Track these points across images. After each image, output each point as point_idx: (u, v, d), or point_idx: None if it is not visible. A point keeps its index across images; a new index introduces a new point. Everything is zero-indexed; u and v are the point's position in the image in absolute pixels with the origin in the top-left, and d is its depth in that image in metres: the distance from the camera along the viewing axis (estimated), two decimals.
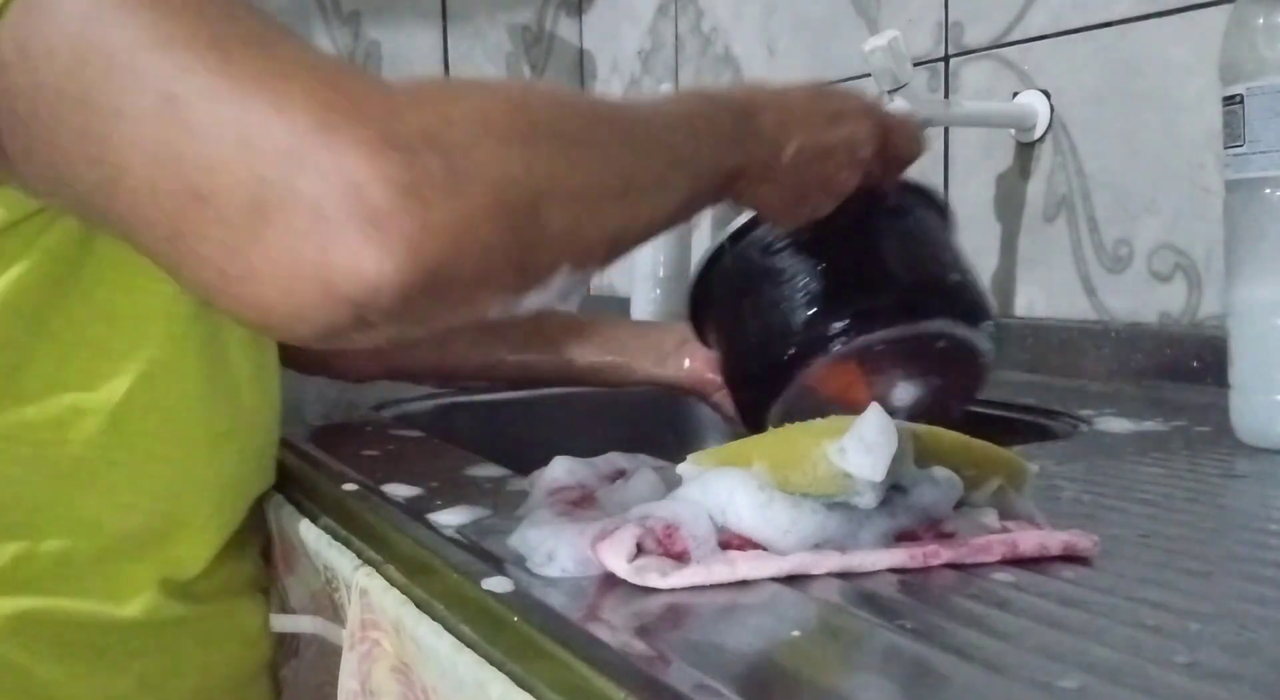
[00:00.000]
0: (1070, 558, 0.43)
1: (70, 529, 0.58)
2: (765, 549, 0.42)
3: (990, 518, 0.45)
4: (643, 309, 1.36)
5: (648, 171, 0.45)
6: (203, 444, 0.62)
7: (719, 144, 0.51)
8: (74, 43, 0.39)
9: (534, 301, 0.41)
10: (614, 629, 0.37)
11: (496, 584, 0.42)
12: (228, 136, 0.36)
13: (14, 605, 0.57)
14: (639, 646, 0.35)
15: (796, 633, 0.37)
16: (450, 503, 0.54)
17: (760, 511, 0.42)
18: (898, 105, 0.95)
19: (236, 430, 0.64)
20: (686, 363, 0.80)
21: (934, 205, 0.66)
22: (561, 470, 0.52)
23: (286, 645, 0.70)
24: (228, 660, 0.67)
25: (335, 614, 0.58)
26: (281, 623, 0.68)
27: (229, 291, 0.37)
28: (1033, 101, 1.03)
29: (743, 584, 0.40)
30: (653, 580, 0.40)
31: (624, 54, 1.74)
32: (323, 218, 0.35)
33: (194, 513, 0.62)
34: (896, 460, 0.41)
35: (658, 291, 1.35)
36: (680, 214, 0.49)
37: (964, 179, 1.12)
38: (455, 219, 0.36)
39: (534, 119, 0.40)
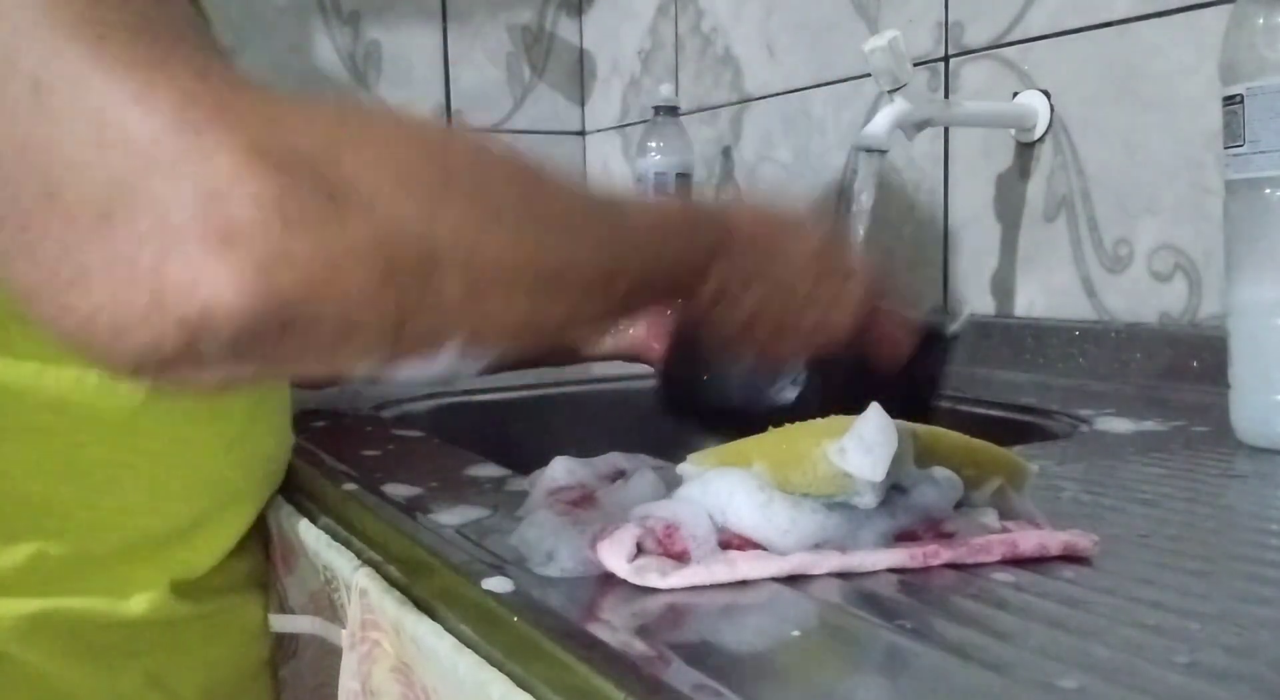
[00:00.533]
0: (1070, 558, 0.43)
1: (84, 530, 0.59)
2: (765, 549, 0.42)
3: (990, 518, 0.45)
4: None
5: (582, 268, 0.39)
6: (217, 449, 0.62)
7: (678, 263, 0.46)
8: None
9: (411, 369, 0.36)
10: (614, 629, 0.37)
11: (496, 584, 0.42)
12: (86, 129, 0.32)
13: (27, 606, 0.57)
14: (639, 646, 0.35)
15: (796, 633, 0.37)
16: (450, 503, 0.54)
17: (760, 511, 0.42)
18: (898, 105, 0.95)
19: (250, 436, 0.64)
20: (630, 330, 0.81)
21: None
22: (561, 470, 0.52)
23: (285, 645, 0.70)
24: (232, 656, 0.67)
25: (334, 614, 0.58)
26: (281, 623, 0.68)
27: (55, 299, 0.32)
28: (1033, 101, 1.03)
29: (743, 584, 0.40)
30: (653, 580, 0.40)
31: (624, 54, 1.74)
32: (168, 224, 0.31)
33: (205, 516, 0.63)
34: (896, 460, 0.41)
35: None
36: (604, 320, 0.43)
37: (964, 179, 1.12)
38: (322, 251, 0.31)
39: (451, 170, 0.36)
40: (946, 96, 1.13)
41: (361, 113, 0.36)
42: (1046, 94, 1.02)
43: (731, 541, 0.42)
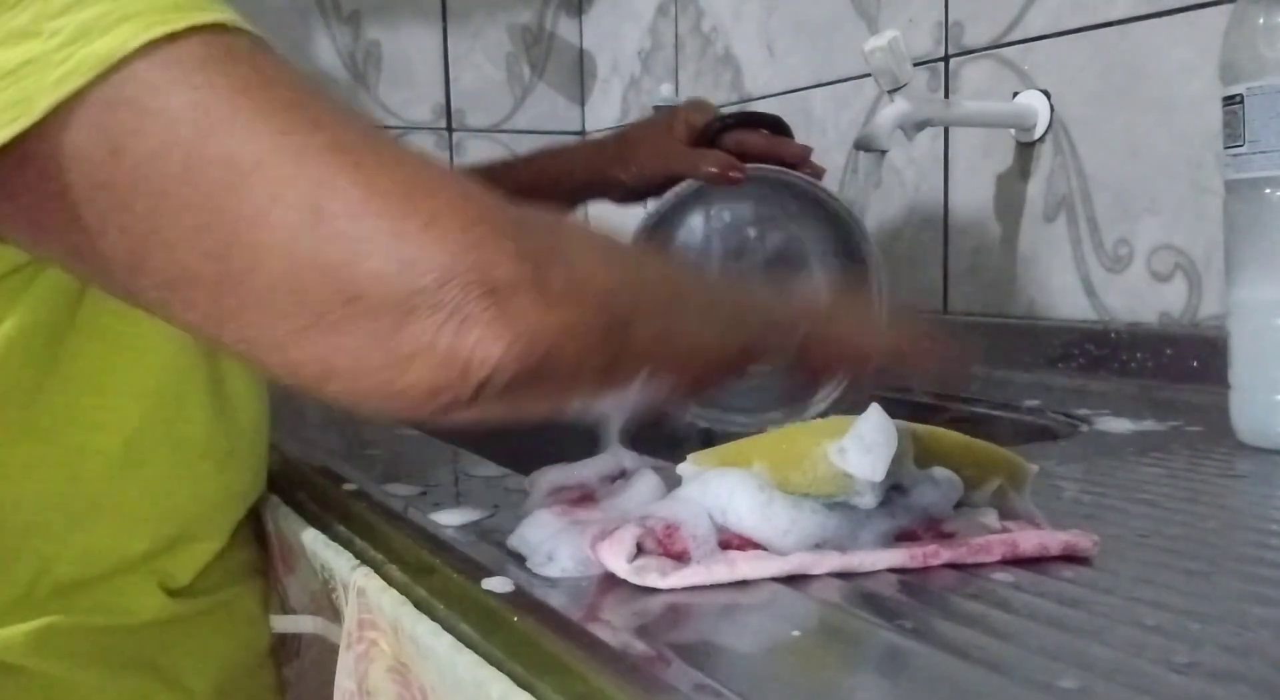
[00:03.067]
0: (1070, 558, 0.43)
1: (79, 554, 0.59)
2: (765, 549, 0.42)
3: (990, 518, 0.45)
4: None
5: (713, 329, 0.52)
6: (209, 466, 0.62)
7: (770, 306, 0.60)
8: (190, 148, 0.40)
9: (611, 401, 0.47)
10: (614, 629, 0.37)
11: (496, 584, 0.42)
12: (383, 251, 0.39)
13: (34, 624, 0.58)
14: (639, 646, 0.35)
15: (796, 633, 0.37)
16: (450, 503, 0.54)
17: (760, 511, 0.42)
18: (898, 106, 0.95)
19: (239, 448, 0.65)
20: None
21: None
22: (561, 470, 0.52)
23: (288, 645, 0.70)
24: (237, 647, 0.68)
25: (335, 615, 0.58)
26: (282, 623, 0.68)
27: (362, 378, 0.41)
28: (1033, 101, 1.03)
29: (743, 584, 0.40)
30: (653, 580, 0.40)
31: (624, 54, 1.74)
32: (467, 317, 0.39)
33: (199, 529, 0.63)
34: (896, 460, 0.41)
35: None
36: (733, 362, 0.54)
37: (964, 179, 1.12)
38: (569, 320, 0.41)
39: (625, 249, 0.51)
40: (946, 96, 1.13)
41: (551, 217, 0.47)
42: (1046, 94, 1.02)
43: (731, 541, 0.42)
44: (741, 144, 0.86)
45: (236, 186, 0.40)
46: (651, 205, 0.86)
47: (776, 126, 0.89)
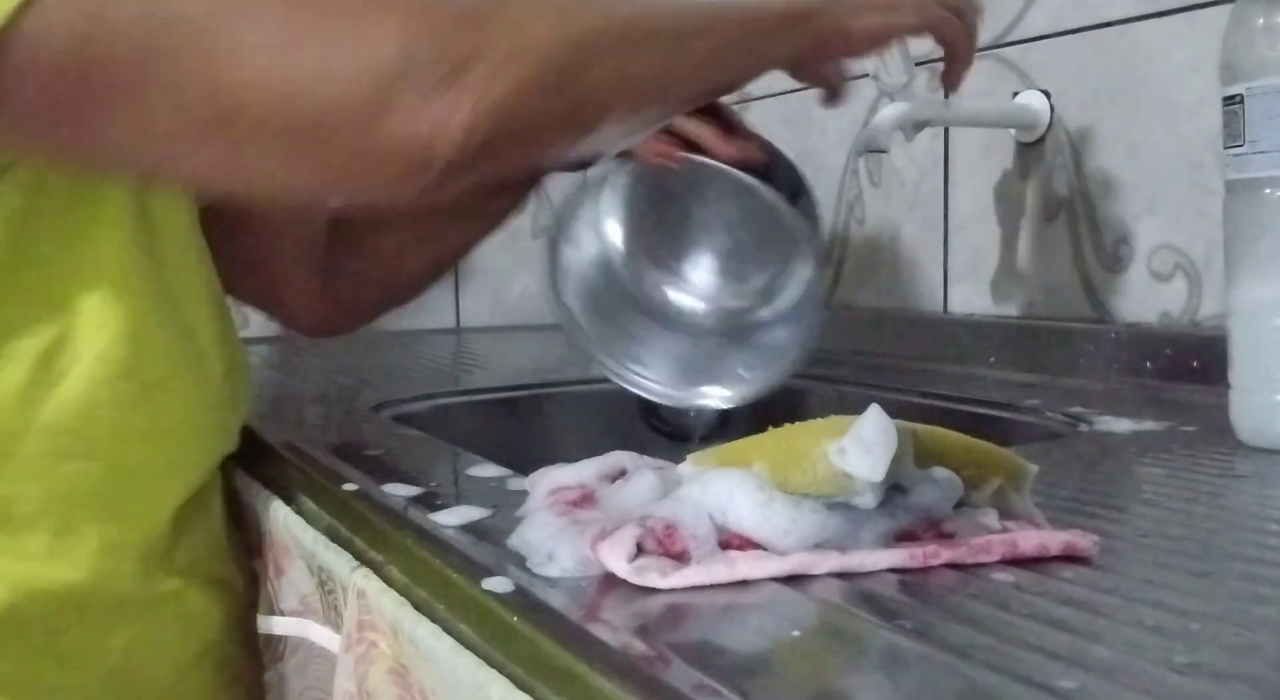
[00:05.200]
0: (1070, 558, 0.43)
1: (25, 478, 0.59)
2: (765, 549, 0.42)
3: (990, 518, 0.45)
4: None
5: (687, 22, 0.54)
6: (152, 387, 0.62)
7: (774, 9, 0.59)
8: (151, 9, 0.45)
9: (591, 143, 0.52)
10: (614, 629, 0.37)
11: (496, 584, 0.42)
12: (346, 70, 0.45)
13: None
14: (639, 646, 0.35)
15: (796, 633, 0.37)
16: (450, 503, 0.54)
17: (760, 511, 0.42)
18: (898, 106, 0.95)
19: (196, 379, 0.65)
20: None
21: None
22: (562, 470, 0.52)
23: (273, 649, 0.70)
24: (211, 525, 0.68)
25: (327, 617, 0.58)
26: (271, 625, 0.68)
27: (349, 179, 0.48)
28: (1033, 101, 1.03)
29: (743, 584, 0.40)
30: (653, 580, 0.40)
31: None
32: (427, 97, 0.44)
33: (147, 463, 0.63)
34: (896, 460, 0.41)
35: None
36: (736, 68, 0.58)
37: (964, 179, 1.12)
38: (518, 77, 0.46)
39: None
40: (947, 97, 1.13)
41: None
42: (1046, 94, 1.02)
43: (731, 541, 0.42)
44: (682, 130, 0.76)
45: (205, 36, 0.45)
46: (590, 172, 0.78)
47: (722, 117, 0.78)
